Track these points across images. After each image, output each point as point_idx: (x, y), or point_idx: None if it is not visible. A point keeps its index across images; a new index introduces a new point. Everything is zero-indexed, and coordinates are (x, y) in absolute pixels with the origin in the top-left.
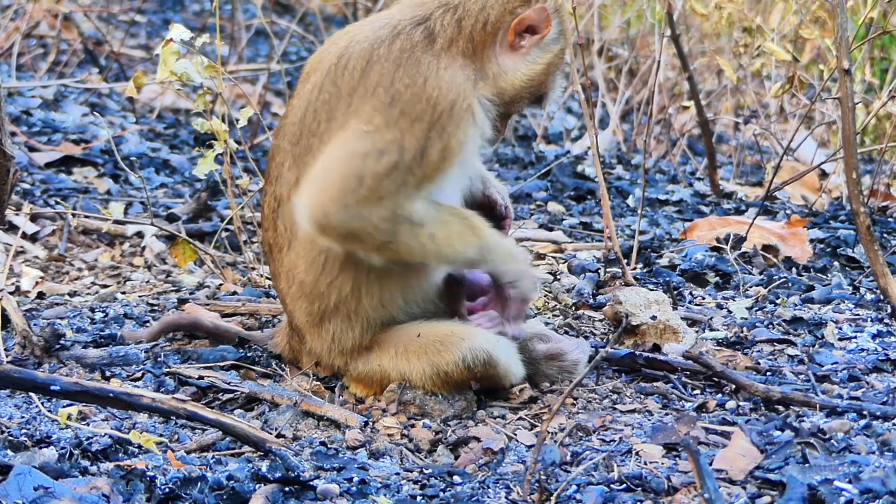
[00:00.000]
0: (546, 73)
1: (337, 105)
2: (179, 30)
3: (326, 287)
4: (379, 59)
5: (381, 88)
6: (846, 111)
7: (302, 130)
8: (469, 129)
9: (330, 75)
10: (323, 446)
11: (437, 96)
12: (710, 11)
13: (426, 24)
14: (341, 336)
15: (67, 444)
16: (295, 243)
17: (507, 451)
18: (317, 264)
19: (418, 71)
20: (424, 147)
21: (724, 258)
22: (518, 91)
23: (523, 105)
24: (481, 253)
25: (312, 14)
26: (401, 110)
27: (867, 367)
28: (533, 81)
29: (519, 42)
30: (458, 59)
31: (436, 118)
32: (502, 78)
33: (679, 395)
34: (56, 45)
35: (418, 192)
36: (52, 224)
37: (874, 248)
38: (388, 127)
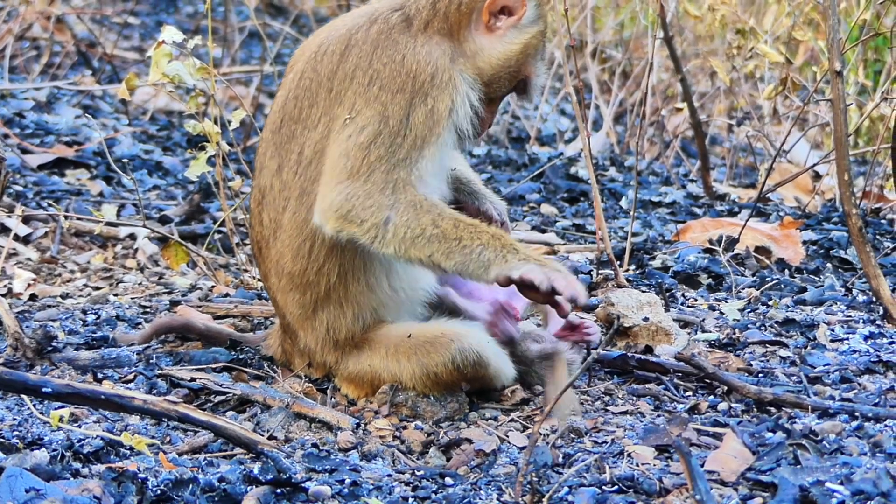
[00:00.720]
0: (523, 53)
1: (318, 90)
2: (171, 32)
3: (315, 275)
4: (357, 43)
5: (360, 70)
6: (838, 113)
7: (283, 118)
8: (455, 97)
9: (310, 62)
10: (315, 448)
11: (416, 69)
12: (704, 13)
13: (402, 9)
14: (335, 324)
15: (59, 445)
16: (280, 233)
17: (499, 452)
18: (303, 251)
19: (396, 50)
20: (408, 113)
21: (717, 260)
22: (496, 71)
23: (504, 87)
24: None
25: (306, 16)
26: (380, 86)
27: (859, 368)
28: (510, 62)
29: (494, 23)
30: (434, 38)
31: (418, 87)
32: (479, 57)
33: (671, 397)
34: (49, 48)
35: (411, 162)
36: (44, 226)
37: (866, 249)
38: (367, 105)
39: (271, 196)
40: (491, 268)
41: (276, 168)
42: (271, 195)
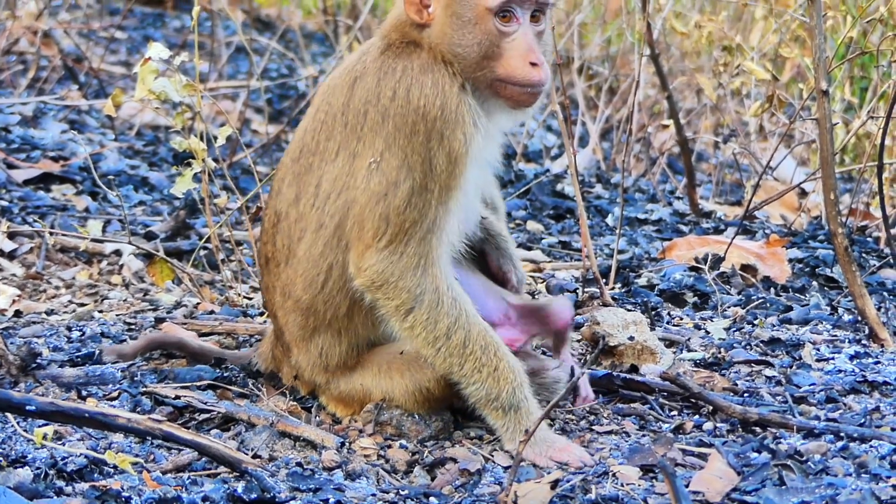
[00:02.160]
0: (473, 16)
1: (333, 124)
2: (158, 48)
3: (322, 305)
4: (360, 75)
5: (371, 106)
6: (824, 132)
7: (301, 149)
8: (467, 129)
9: (324, 97)
10: (299, 467)
11: (424, 105)
12: (691, 30)
13: (381, 36)
14: (329, 351)
15: (43, 464)
16: (294, 261)
17: (483, 472)
18: (315, 284)
19: (396, 80)
20: (430, 158)
21: (703, 278)
22: (466, 49)
23: (490, 64)
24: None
25: (293, 31)
26: (394, 125)
27: (844, 388)
28: (457, 36)
29: (428, 13)
30: (419, 55)
31: (430, 126)
32: (439, 49)
33: (656, 417)
34: (36, 62)
35: (439, 226)
36: (29, 242)
37: (852, 268)
38: (389, 149)
39: (287, 223)
40: (488, 410)
41: (294, 197)
42: (287, 222)
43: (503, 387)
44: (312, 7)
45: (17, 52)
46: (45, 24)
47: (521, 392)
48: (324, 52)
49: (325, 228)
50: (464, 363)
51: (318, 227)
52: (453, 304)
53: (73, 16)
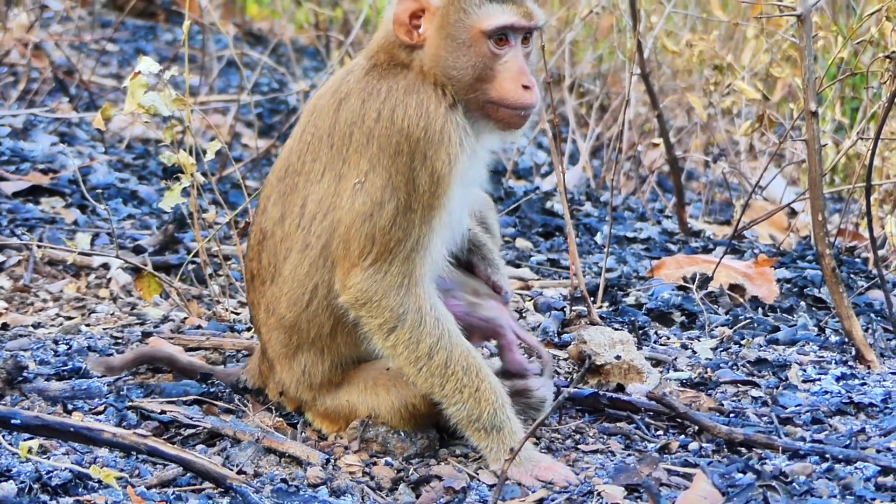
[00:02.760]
0: (467, 39)
1: (319, 145)
2: (147, 62)
3: (306, 324)
4: (345, 96)
5: (356, 128)
6: (813, 153)
7: (287, 168)
8: (451, 150)
9: (310, 118)
10: (284, 483)
11: (408, 126)
12: (682, 49)
13: (367, 56)
14: (311, 369)
15: (27, 477)
16: (279, 280)
17: (468, 490)
18: (300, 303)
19: (381, 101)
20: (413, 178)
21: (691, 297)
22: (461, 72)
23: (483, 87)
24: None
25: (284, 45)
26: (378, 146)
27: (830, 409)
28: (450, 59)
29: (419, 34)
30: (405, 76)
31: (413, 146)
32: (429, 72)
33: (642, 436)
34: (27, 74)
35: (423, 245)
36: (17, 254)
37: (839, 289)
38: (374, 170)
39: (272, 241)
40: (470, 431)
41: (279, 217)
42: (272, 241)
43: (484, 408)
44: (304, 22)
45: (7, 63)
46: (36, 36)
47: (502, 413)
48: (315, 66)
49: (311, 248)
50: (445, 383)
51: (304, 247)
52: (436, 323)
53: (65, 28)
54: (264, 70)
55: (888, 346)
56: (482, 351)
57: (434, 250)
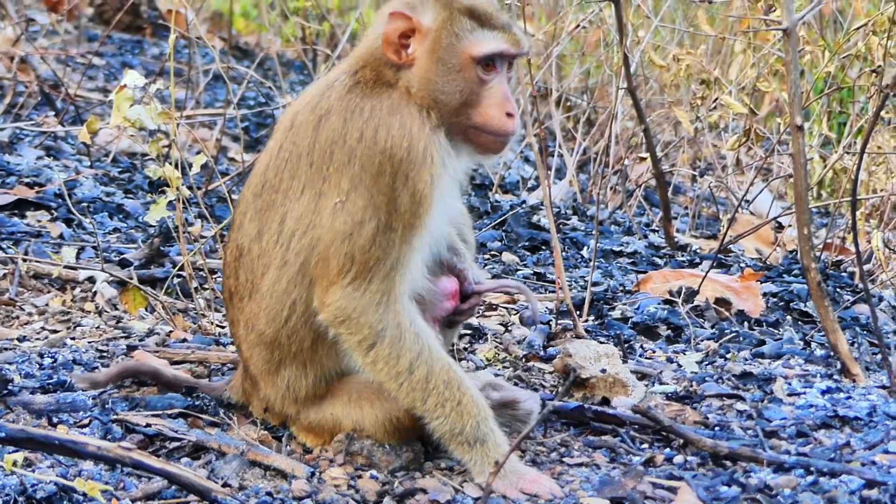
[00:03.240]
0: (457, 63)
1: (298, 163)
2: (133, 76)
3: (286, 339)
4: (325, 113)
5: (337, 147)
6: (799, 168)
7: (264, 184)
8: (434, 170)
9: (288, 134)
10: (269, 496)
11: (391, 146)
12: (669, 63)
13: (351, 71)
14: (295, 384)
15: (12, 490)
16: (257, 296)
17: (453, 503)
18: (279, 318)
19: (363, 121)
20: (394, 198)
21: (677, 311)
22: (448, 96)
23: (466, 115)
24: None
25: (271, 59)
26: (360, 166)
27: (815, 423)
28: (438, 83)
29: (407, 53)
30: (390, 95)
31: (396, 167)
32: (415, 92)
33: (627, 449)
34: (12, 88)
35: (402, 263)
36: (3, 268)
37: (824, 303)
38: (355, 190)
39: (249, 258)
40: (453, 444)
41: (256, 233)
42: (249, 257)
43: (467, 421)
44: (291, 35)
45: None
46: (21, 49)
47: (485, 426)
48: (302, 80)
49: (289, 265)
50: (427, 398)
51: (283, 263)
52: (416, 339)
53: (51, 42)
54: (251, 84)
55: (873, 360)
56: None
57: (413, 268)
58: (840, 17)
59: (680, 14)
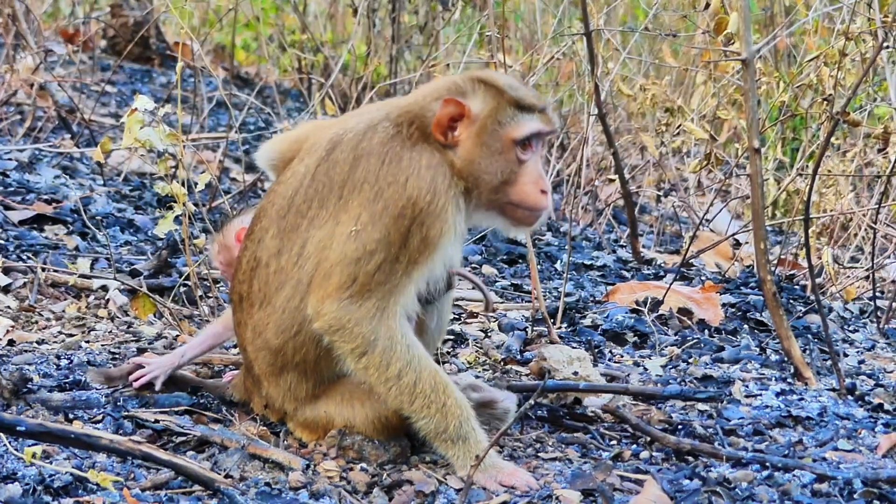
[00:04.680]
0: (500, 147)
1: (329, 195)
2: (144, 101)
3: (292, 350)
4: (364, 154)
5: (367, 185)
6: (756, 187)
7: (290, 207)
8: (446, 222)
9: (325, 166)
10: (268, 486)
11: (417, 196)
12: (636, 92)
13: (396, 121)
14: (297, 386)
15: (31, 480)
16: (269, 308)
17: (437, 493)
18: (289, 332)
19: (399, 169)
20: (406, 238)
21: (643, 320)
22: (490, 176)
23: (503, 192)
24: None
25: (269, 88)
26: (384, 206)
27: (771, 422)
28: (482, 165)
29: (453, 136)
30: (433, 154)
31: (416, 213)
32: (466, 172)
33: (597, 445)
34: (32, 112)
35: (401, 289)
36: (23, 277)
37: (779, 313)
38: (373, 225)
39: (265, 272)
40: (438, 442)
41: (276, 251)
42: (266, 271)
43: (451, 421)
44: (288, 66)
45: (14, 102)
46: (41, 77)
47: (467, 425)
48: (297, 107)
49: (302, 285)
50: (414, 401)
51: (298, 282)
52: (406, 350)
53: (67, 70)
54: (251, 110)
55: (824, 366)
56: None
57: (408, 295)
58: (794, 51)
59: (646, 47)
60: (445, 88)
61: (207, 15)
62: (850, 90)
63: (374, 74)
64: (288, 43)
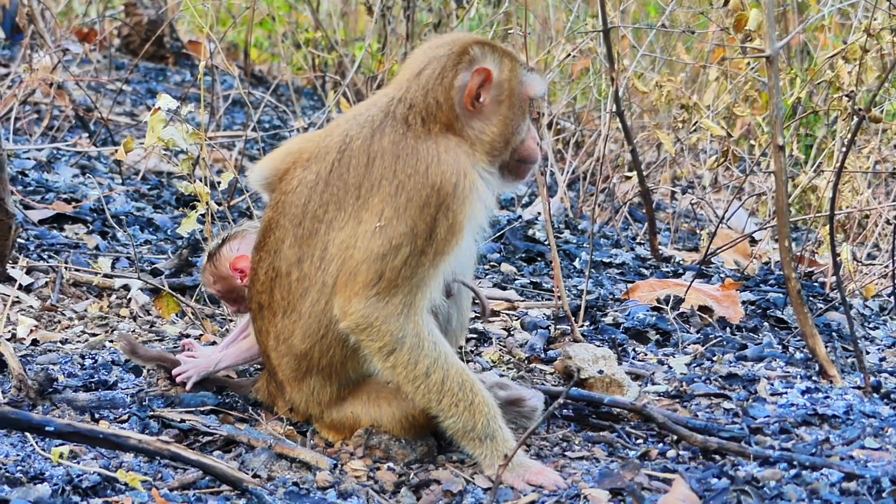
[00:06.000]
0: (521, 105)
1: (345, 197)
2: (167, 100)
3: (318, 354)
4: (378, 154)
5: (386, 181)
6: (780, 184)
7: (305, 214)
8: (474, 204)
9: (336, 170)
10: (295, 486)
11: (441, 181)
12: (651, 89)
13: (400, 117)
14: (320, 391)
15: (60, 480)
16: (293, 315)
17: (465, 493)
18: (315, 336)
19: (418, 159)
20: (433, 228)
21: (664, 317)
22: (503, 139)
23: (517, 150)
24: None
25: (283, 86)
26: (407, 197)
27: (797, 420)
28: (509, 126)
29: (478, 104)
30: (448, 138)
31: (441, 200)
32: (483, 138)
33: (623, 444)
34: (50, 112)
35: (427, 282)
36: (45, 276)
37: (804, 310)
38: (398, 218)
39: (287, 280)
40: (465, 441)
41: (296, 259)
42: (287, 280)
43: (478, 419)
44: (303, 64)
45: (32, 102)
46: (58, 77)
47: (494, 423)
48: (312, 105)
49: (327, 287)
50: (441, 399)
51: (323, 286)
52: (433, 347)
53: (84, 70)
54: (266, 108)
55: (847, 363)
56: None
57: (434, 288)
58: (807, 47)
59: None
60: (449, 60)
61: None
62: (871, 86)
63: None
64: (302, 41)
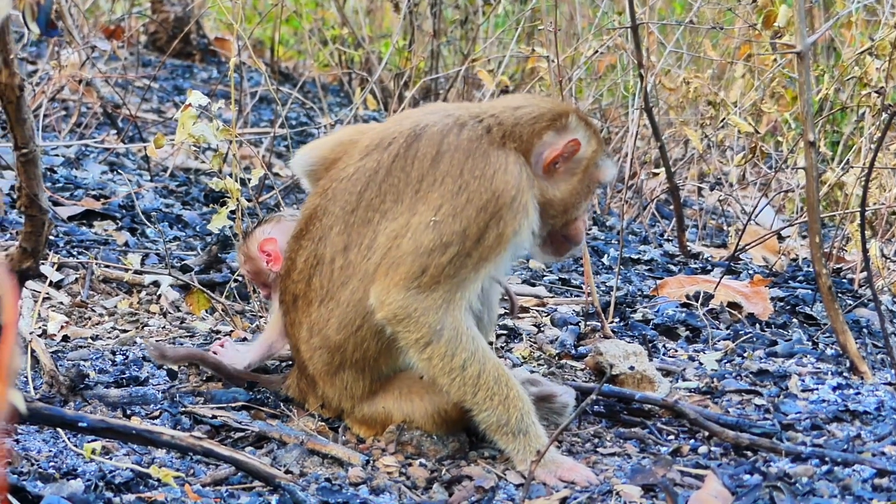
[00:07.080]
0: (592, 186)
1: (406, 189)
2: (198, 96)
3: (352, 346)
4: (449, 149)
5: (450, 178)
6: (811, 180)
7: (360, 202)
8: (523, 221)
9: (399, 161)
10: (328, 482)
11: (503, 189)
12: (678, 86)
13: (486, 120)
14: (353, 384)
15: (93, 476)
16: (331, 303)
17: (497, 489)
18: (351, 327)
19: (487, 163)
20: (484, 233)
21: (694, 314)
22: (563, 208)
23: (567, 225)
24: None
25: (311, 83)
26: (467, 198)
27: (828, 416)
28: (572, 198)
29: (553, 168)
30: (519, 157)
31: (498, 208)
32: (555, 199)
33: (655, 440)
34: (78, 108)
35: (468, 284)
36: (74, 273)
37: (835, 307)
38: (454, 217)
39: (329, 268)
40: (498, 435)
41: (343, 247)
42: (329, 267)
43: (512, 413)
44: (329, 60)
45: (61, 99)
46: (86, 73)
47: (528, 418)
48: (338, 102)
49: (369, 276)
50: (477, 392)
51: (364, 275)
52: (471, 341)
53: (112, 66)
54: (293, 105)
55: (877, 360)
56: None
57: (473, 290)
58: (833, 44)
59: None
60: (548, 114)
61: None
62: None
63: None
64: (329, 38)
